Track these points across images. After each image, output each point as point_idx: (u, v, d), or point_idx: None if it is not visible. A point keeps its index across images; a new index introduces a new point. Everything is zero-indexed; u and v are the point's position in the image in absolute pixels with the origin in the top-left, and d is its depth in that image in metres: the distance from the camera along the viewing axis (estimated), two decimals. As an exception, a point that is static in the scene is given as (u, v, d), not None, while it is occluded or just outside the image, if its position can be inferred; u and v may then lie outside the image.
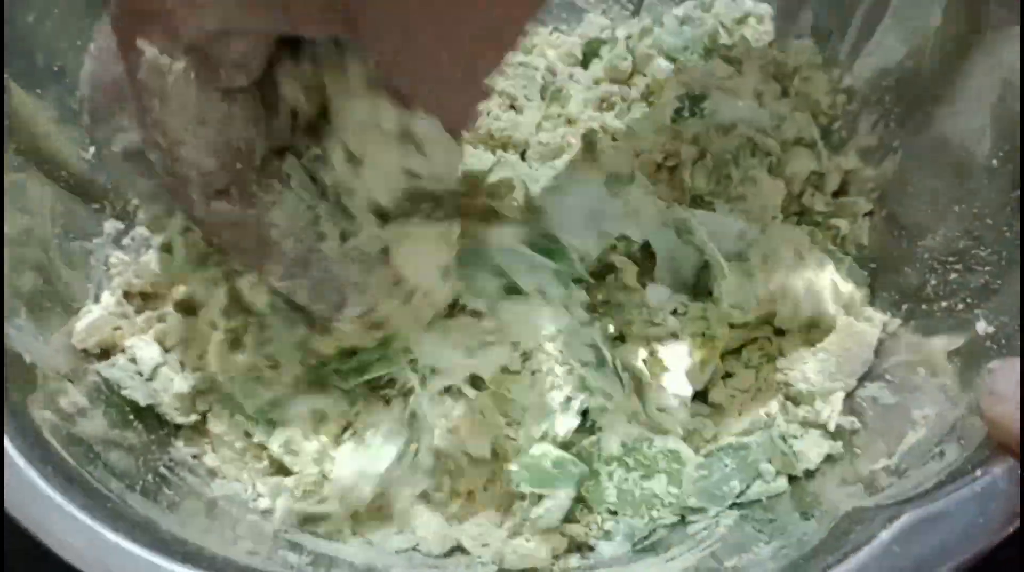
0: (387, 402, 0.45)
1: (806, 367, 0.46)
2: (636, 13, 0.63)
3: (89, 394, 0.42)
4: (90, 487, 0.33)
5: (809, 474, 0.45)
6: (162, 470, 0.41)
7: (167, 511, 0.37)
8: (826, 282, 0.48)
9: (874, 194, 0.53)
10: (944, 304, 0.46)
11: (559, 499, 0.43)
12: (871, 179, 0.53)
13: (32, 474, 0.33)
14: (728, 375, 0.49)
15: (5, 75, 0.45)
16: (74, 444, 0.36)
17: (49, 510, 0.32)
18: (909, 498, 0.33)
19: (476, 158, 0.53)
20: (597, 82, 0.58)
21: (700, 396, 0.48)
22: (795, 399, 0.47)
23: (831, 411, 0.45)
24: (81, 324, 0.44)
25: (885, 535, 0.32)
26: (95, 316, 0.45)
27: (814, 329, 0.48)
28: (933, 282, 0.47)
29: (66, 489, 0.32)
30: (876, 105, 0.54)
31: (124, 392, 0.43)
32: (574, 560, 0.44)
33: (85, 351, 0.44)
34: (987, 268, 0.44)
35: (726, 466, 0.44)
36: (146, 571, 0.30)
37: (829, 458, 0.45)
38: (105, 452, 0.37)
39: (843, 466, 0.44)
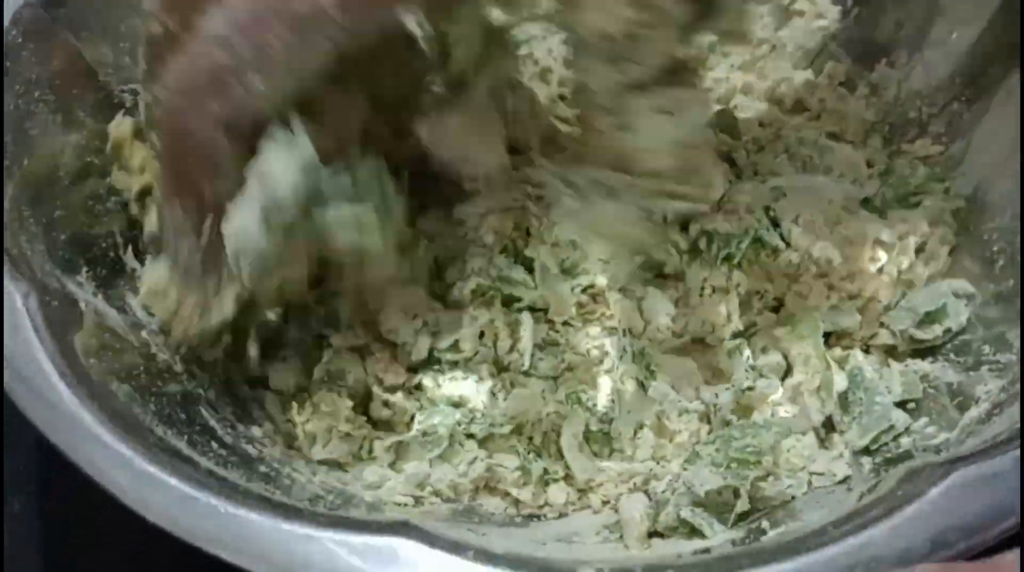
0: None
1: None
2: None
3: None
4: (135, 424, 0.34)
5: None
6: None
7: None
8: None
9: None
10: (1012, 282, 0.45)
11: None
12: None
13: (82, 413, 0.33)
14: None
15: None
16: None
17: (93, 444, 0.32)
18: (962, 456, 0.32)
19: None
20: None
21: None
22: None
23: None
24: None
25: (935, 492, 0.31)
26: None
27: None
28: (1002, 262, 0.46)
29: (110, 424, 0.33)
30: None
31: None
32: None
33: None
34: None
35: None
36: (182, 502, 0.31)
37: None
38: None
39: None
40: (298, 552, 0.30)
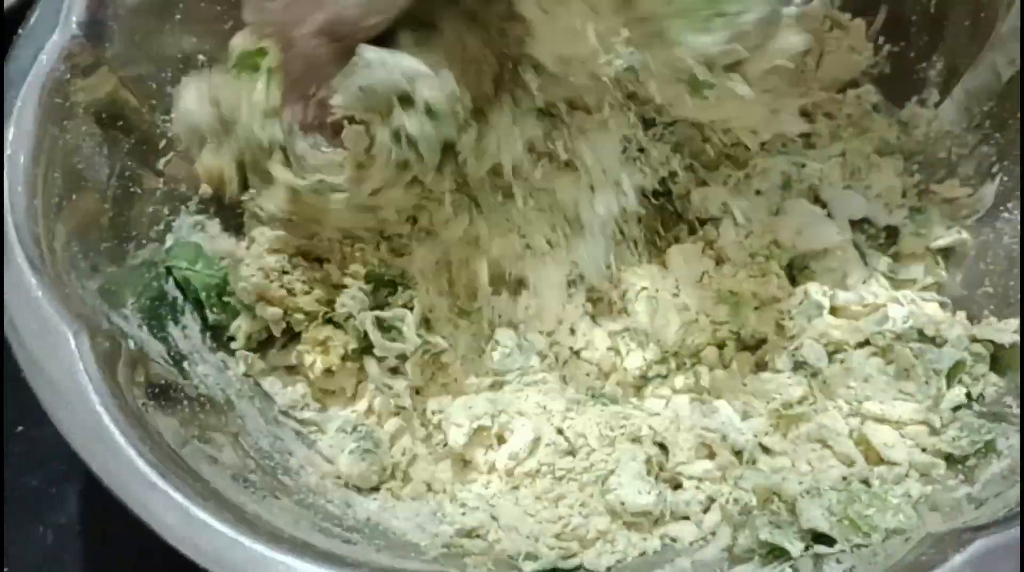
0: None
1: None
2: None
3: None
4: (183, 466, 0.35)
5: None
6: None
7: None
8: None
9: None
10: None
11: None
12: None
13: (131, 453, 0.34)
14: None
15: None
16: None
17: (146, 488, 0.33)
18: (985, 525, 0.33)
19: None
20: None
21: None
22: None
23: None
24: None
25: (959, 558, 0.31)
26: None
27: None
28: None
29: (161, 469, 0.34)
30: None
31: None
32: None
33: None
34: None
35: None
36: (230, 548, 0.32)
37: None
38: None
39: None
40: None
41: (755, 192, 0.54)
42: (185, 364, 0.45)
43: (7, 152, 0.42)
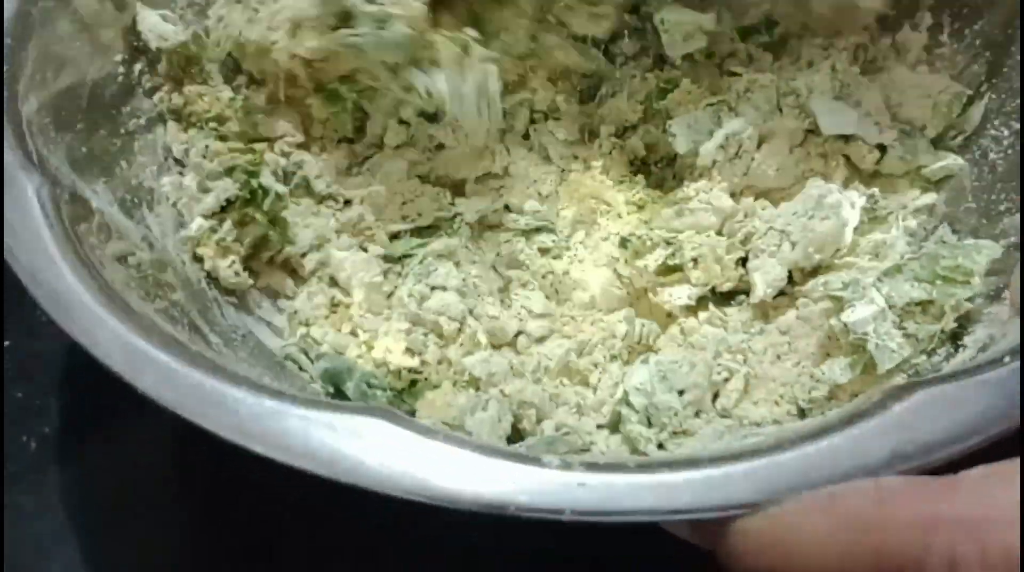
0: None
1: None
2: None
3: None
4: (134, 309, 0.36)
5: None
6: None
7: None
8: None
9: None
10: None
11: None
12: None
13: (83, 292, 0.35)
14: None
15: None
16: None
17: (92, 320, 0.34)
18: (929, 379, 0.32)
19: None
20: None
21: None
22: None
23: None
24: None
25: (897, 407, 0.31)
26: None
27: None
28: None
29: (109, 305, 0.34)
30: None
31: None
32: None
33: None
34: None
35: None
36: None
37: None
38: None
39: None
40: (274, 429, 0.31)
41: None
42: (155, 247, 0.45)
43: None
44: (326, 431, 0.30)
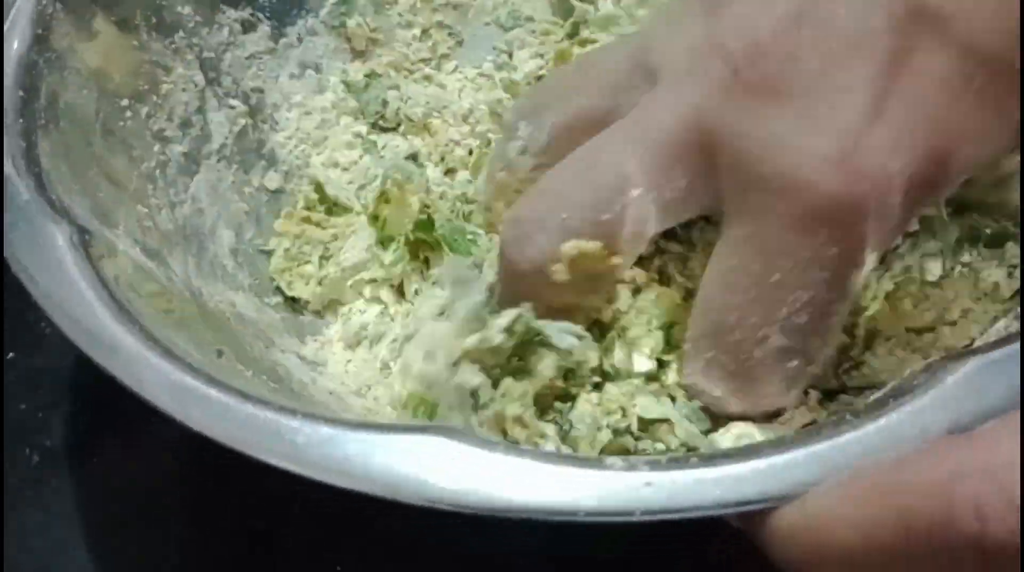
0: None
1: None
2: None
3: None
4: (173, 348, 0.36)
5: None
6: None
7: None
8: None
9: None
10: None
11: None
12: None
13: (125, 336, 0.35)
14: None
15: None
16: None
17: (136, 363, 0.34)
18: (979, 348, 0.33)
19: None
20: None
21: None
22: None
23: None
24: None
25: (950, 379, 0.31)
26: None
27: None
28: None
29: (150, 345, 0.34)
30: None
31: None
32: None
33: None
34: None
35: None
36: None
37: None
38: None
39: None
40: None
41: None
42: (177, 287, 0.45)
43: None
44: (386, 453, 0.30)
